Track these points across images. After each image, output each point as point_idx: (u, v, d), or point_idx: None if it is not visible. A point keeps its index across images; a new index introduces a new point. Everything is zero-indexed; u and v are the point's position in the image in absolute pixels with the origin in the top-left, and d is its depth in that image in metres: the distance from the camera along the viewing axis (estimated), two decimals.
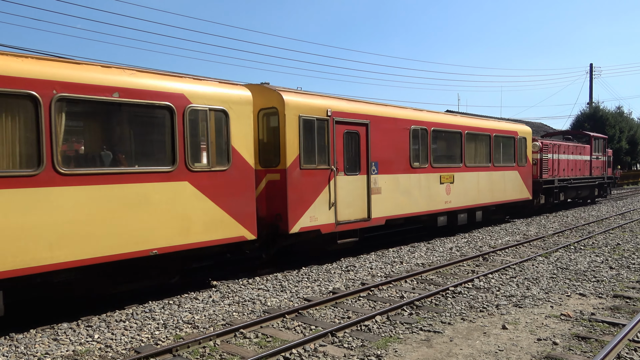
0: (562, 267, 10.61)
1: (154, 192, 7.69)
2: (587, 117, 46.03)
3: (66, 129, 7.03)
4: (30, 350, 6.01)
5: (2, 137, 6.36)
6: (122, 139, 7.83)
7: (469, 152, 15.36)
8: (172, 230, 7.92)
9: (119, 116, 7.60)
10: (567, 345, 6.09)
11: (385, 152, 12.17)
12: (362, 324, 6.88)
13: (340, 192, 11.00)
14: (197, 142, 8.33)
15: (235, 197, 8.83)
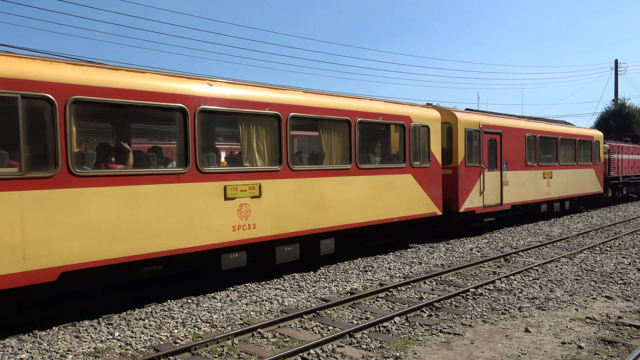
0: (587, 268, 10.35)
1: (395, 180, 11.62)
2: (613, 115, 44.91)
3: (361, 139, 10.90)
4: (53, 347, 6.10)
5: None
6: (380, 147, 12.36)
7: (561, 153, 19.16)
8: (403, 205, 11.83)
9: (379, 132, 12.17)
10: (593, 349, 5.92)
11: (510, 154, 16.03)
12: (380, 325, 6.81)
13: (486, 184, 14.84)
14: (415, 147, 12.16)
15: (432, 185, 12.62)
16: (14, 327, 6.87)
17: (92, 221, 6.85)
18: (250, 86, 9.07)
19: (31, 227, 6.33)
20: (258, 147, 9.01)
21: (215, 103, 8.24)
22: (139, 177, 7.39)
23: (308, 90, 10.16)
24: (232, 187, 8.39)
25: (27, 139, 6.37)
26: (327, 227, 10.07)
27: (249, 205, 8.66)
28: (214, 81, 8.51)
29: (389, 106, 11.75)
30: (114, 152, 7.94)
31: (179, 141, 7.95)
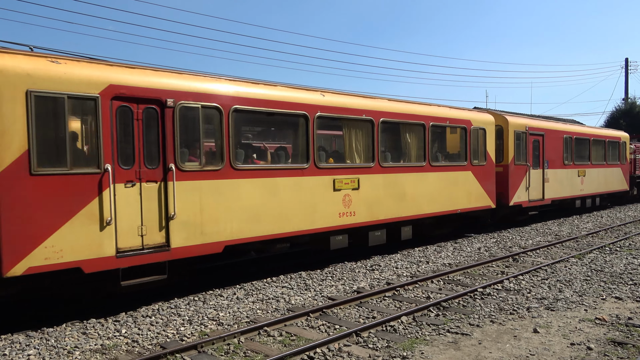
0: (596, 269, 10.24)
1: (458, 176, 13.23)
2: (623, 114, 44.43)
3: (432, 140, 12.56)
4: (61, 344, 6.13)
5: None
6: (446, 147, 13.60)
7: (593, 153, 20.79)
8: (464, 199, 13.36)
9: (446, 134, 13.58)
10: (603, 350, 5.85)
11: (551, 153, 17.55)
12: (387, 324, 6.77)
13: (531, 181, 16.35)
14: (474, 148, 13.72)
15: (487, 181, 14.18)
16: (21, 323, 6.92)
17: (244, 206, 8.62)
18: (351, 95, 10.92)
19: (206, 209, 8.12)
20: (356, 147, 10.76)
21: (326, 110, 10.03)
22: (277, 171, 9.24)
23: (392, 99, 12.12)
24: (339, 180, 10.20)
25: (204, 139, 8.23)
26: (407, 216, 11.85)
27: (350, 196, 10.43)
28: (325, 92, 10.40)
29: (453, 111, 13.41)
30: (257, 150, 10.04)
31: (302, 141, 9.76)
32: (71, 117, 6.90)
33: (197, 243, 7.99)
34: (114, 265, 7.12)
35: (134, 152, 7.39)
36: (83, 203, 6.82)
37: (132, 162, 7.36)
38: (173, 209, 7.65)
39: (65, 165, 6.72)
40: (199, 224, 8.00)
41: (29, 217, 6.37)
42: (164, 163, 7.67)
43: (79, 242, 6.77)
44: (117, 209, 7.13)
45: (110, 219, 7.02)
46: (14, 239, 6.25)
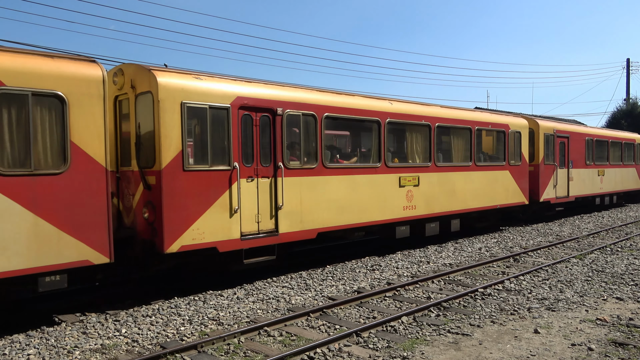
0: (597, 269, 10.22)
1: (498, 175, 14.70)
2: (624, 114, 44.36)
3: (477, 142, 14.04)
4: (60, 343, 6.13)
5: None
6: (487, 148, 14.84)
7: (611, 154, 22.39)
8: (503, 195, 14.89)
9: (487, 137, 14.75)
10: (604, 351, 5.83)
11: (575, 154, 19.15)
12: (387, 324, 6.76)
13: (558, 179, 17.90)
14: (511, 149, 15.24)
15: (522, 179, 15.67)
16: (21, 323, 6.91)
17: (332, 199, 10.15)
18: (413, 103, 12.60)
19: (305, 201, 9.66)
20: (417, 149, 12.30)
21: (394, 117, 11.58)
22: (356, 169, 10.79)
23: (444, 106, 13.61)
24: (403, 178, 11.72)
25: (304, 142, 9.81)
26: (456, 210, 13.32)
27: (412, 192, 11.96)
28: (393, 100, 12.04)
29: (494, 116, 15.27)
30: (340, 151, 11.48)
31: (375, 144, 11.28)
32: (211, 124, 8.33)
33: (298, 230, 9.59)
34: (240, 246, 8.68)
35: (253, 152, 8.95)
36: (218, 194, 8.37)
37: (251, 161, 8.92)
38: (281, 200, 9.22)
39: (207, 163, 8.27)
40: (299, 213, 9.60)
41: (182, 205, 7.88)
42: (274, 162, 9.22)
43: (215, 226, 8.31)
44: (241, 199, 8.67)
45: (237, 208, 8.57)
46: (172, 223, 7.74)
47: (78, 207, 6.71)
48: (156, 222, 7.71)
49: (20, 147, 6.32)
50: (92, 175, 6.86)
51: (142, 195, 7.95)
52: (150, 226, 7.80)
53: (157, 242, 7.71)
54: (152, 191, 7.77)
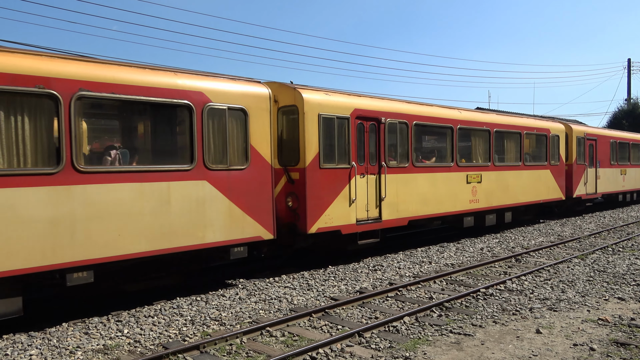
0: (599, 269, 10.21)
1: (540, 174, 16.70)
2: (625, 114, 44.32)
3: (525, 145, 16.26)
4: (63, 344, 6.13)
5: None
6: (532, 150, 16.59)
7: (632, 155, 24.42)
8: (544, 192, 16.84)
9: (531, 140, 16.61)
10: (606, 351, 5.83)
11: (601, 155, 21.00)
12: (390, 324, 6.76)
13: (588, 177, 19.93)
14: (552, 151, 17.25)
15: (559, 178, 17.67)
16: (24, 323, 6.92)
17: (419, 192, 12.10)
18: (476, 112, 15.39)
19: (399, 194, 11.61)
20: (479, 151, 14.35)
21: (463, 123, 13.57)
22: (436, 168, 12.76)
23: (500, 113, 16.84)
24: (469, 175, 13.69)
25: (399, 145, 11.69)
26: (509, 204, 15.29)
27: (476, 187, 13.91)
28: (461, 110, 14.09)
29: (538, 122, 17.21)
30: (423, 152, 13.07)
31: (448, 146, 13.24)
32: (337, 130, 10.30)
33: (395, 217, 11.52)
34: (356, 229, 10.67)
35: (364, 153, 10.90)
36: (342, 187, 10.36)
37: (363, 161, 10.87)
38: (384, 193, 11.20)
39: (334, 162, 10.25)
40: (396, 204, 11.50)
41: (319, 196, 9.88)
42: (378, 161, 11.19)
43: (340, 213, 10.29)
44: (357, 192, 10.64)
45: (354, 199, 10.53)
46: (312, 209, 9.76)
47: (254, 195, 8.69)
48: (299, 209, 9.72)
49: (220, 148, 8.23)
50: (263, 171, 8.85)
51: (284, 187, 9.94)
52: (294, 212, 9.79)
53: (300, 225, 9.74)
54: (295, 184, 9.80)
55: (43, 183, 6.38)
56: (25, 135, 6.30)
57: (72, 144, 6.64)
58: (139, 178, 7.27)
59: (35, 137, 6.40)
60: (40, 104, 6.44)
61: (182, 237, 7.71)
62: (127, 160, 7.60)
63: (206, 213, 7.99)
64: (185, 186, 7.76)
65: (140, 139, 8.26)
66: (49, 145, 6.53)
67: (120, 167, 7.33)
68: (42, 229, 6.35)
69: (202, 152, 7.94)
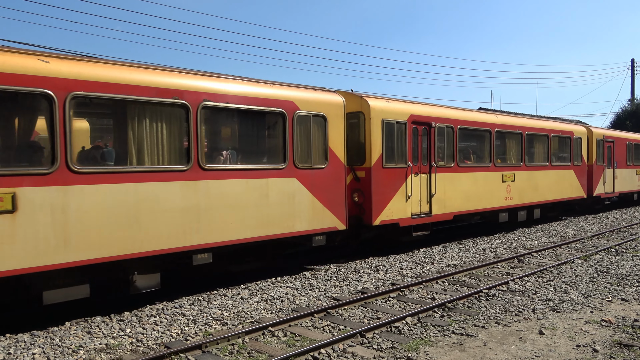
0: (602, 270, 10.17)
1: (565, 174, 17.99)
2: (629, 115, 44.16)
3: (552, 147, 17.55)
4: (65, 343, 6.14)
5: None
6: (557, 151, 17.67)
7: None
8: (568, 190, 18.12)
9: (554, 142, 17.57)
10: (609, 352, 5.81)
11: (618, 156, 22.15)
12: (392, 325, 6.75)
13: (606, 177, 21.13)
14: (575, 152, 18.41)
15: (581, 177, 18.93)
16: (26, 322, 6.94)
17: (462, 190, 13.40)
18: (510, 116, 16.84)
19: (446, 191, 12.88)
20: (512, 152, 15.58)
21: (499, 127, 14.92)
22: (476, 168, 14.06)
23: (530, 117, 17.73)
24: (505, 175, 14.98)
25: (447, 147, 12.90)
26: (538, 201, 16.50)
27: (510, 186, 15.15)
28: (498, 114, 16.01)
29: (563, 125, 18.62)
30: (467, 153, 14.28)
31: (486, 148, 14.53)
32: (396, 134, 11.57)
33: (442, 212, 12.75)
34: (411, 222, 11.95)
35: (418, 154, 12.11)
36: (400, 185, 11.63)
37: (416, 161, 12.08)
38: (434, 190, 12.41)
39: (394, 162, 11.47)
40: (443, 200, 12.74)
41: (382, 192, 11.15)
42: (429, 161, 12.38)
43: (398, 208, 11.55)
44: (412, 189, 11.90)
45: (409, 195, 11.79)
46: (376, 204, 11.04)
47: (331, 191, 9.94)
48: (365, 203, 10.94)
49: (306, 150, 9.50)
50: (338, 170, 10.11)
51: (351, 184, 10.96)
52: (359, 206, 11.00)
53: (365, 218, 10.99)
54: (361, 182, 11.01)
55: (177, 178, 7.63)
56: (163, 138, 7.57)
57: (198, 145, 7.85)
58: (246, 175, 8.57)
59: (170, 140, 7.68)
60: (175, 113, 7.71)
61: (277, 226, 9.00)
62: (235, 159, 8.84)
63: (295, 206, 9.27)
64: (280, 182, 9.06)
65: (245, 141, 9.41)
66: (180, 146, 7.79)
67: (232, 165, 8.60)
68: (177, 217, 7.60)
69: (292, 153, 9.24)
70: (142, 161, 7.35)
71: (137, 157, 7.33)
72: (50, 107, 6.48)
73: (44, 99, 6.47)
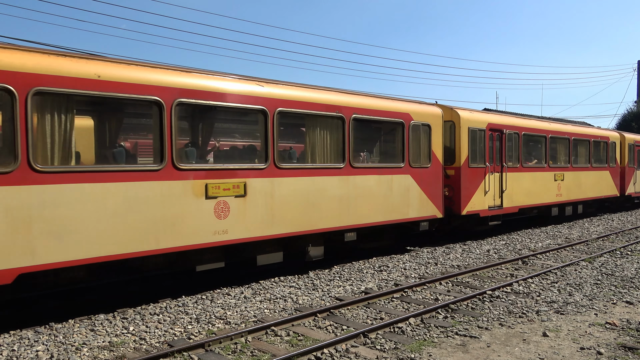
0: (607, 272, 10.12)
1: (602, 174, 20.26)
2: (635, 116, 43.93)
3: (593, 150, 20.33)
4: (69, 340, 6.16)
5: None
6: (595, 154, 19.98)
7: None
8: (605, 189, 20.51)
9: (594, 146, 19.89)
10: (613, 355, 5.77)
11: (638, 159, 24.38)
12: (395, 325, 6.73)
13: (637, 178, 23.48)
14: (610, 155, 20.89)
15: (615, 178, 21.25)
16: (30, 319, 6.96)
17: (524, 187, 15.54)
18: (559, 123, 19.23)
19: (513, 187, 15.07)
20: (561, 155, 17.92)
21: (553, 133, 17.19)
22: (536, 169, 16.30)
23: (576, 124, 20.80)
24: (556, 174, 17.20)
25: (514, 150, 15.19)
26: (580, 198, 18.88)
27: (560, 184, 17.47)
28: (551, 122, 18.11)
29: (600, 131, 20.93)
30: (527, 155, 16.25)
31: (542, 151, 16.74)
32: (478, 139, 13.73)
33: (510, 205, 14.93)
34: (487, 213, 14.14)
35: (493, 156, 14.29)
36: (480, 181, 13.79)
37: (492, 162, 14.26)
38: (505, 186, 14.67)
39: (476, 162, 13.66)
40: (511, 195, 14.93)
41: (468, 187, 13.37)
42: (501, 162, 14.62)
43: (479, 201, 13.71)
44: (489, 185, 14.04)
45: (487, 190, 13.95)
46: (464, 197, 13.24)
47: (432, 185, 12.11)
48: (454, 196, 13.16)
49: (417, 152, 11.69)
50: (438, 168, 12.34)
51: (442, 180, 12.60)
52: (449, 199, 13.09)
53: (455, 209, 13.18)
54: (451, 179, 13.18)
55: (336, 174, 9.98)
56: (327, 143, 9.93)
57: (350, 148, 10.15)
58: (377, 172, 10.89)
59: (332, 145, 9.95)
60: (334, 123, 10.01)
61: (397, 213, 11.27)
62: (368, 159, 11.22)
63: (409, 197, 11.51)
64: (399, 178, 11.35)
65: (376, 145, 11.82)
66: (337, 149, 10.03)
67: (369, 164, 11.07)
68: (335, 203, 9.89)
69: (408, 155, 11.46)
70: (314, 160, 9.71)
71: (311, 157, 9.71)
72: (265, 119, 8.75)
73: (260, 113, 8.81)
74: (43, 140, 6.44)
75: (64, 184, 6.47)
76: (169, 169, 7.49)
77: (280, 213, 8.91)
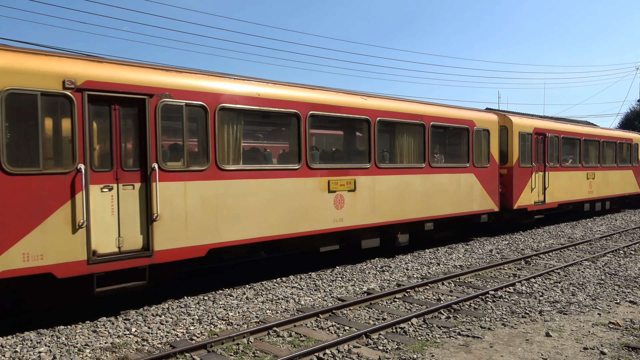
0: (610, 272, 10.08)
1: (625, 174, 22.09)
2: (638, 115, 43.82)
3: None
4: (71, 341, 6.17)
5: None
6: (621, 155, 22.10)
7: None
8: (628, 186, 22.37)
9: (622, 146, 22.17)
10: (616, 355, 5.75)
11: None
12: (397, 326, 6.72)
13: None
14: (634, 155, 22.72)
15: (638, 177, 23.11)
16: (33, 321, 6.97)
17: (562, 185, 17.26)
18: (591, 127, 21.16)
19: (552, 185, 16.64)
20: (592, 155, 19.50)
21: (586, 136, 18.96)
22: (571, 168, 17.90)
23: (604, 128, 22.43)
24: (588, 174, 18.80)
25: (555, 151, 16.82)
26: (607, 195, 20.45)
27: (592, 183, 19.15)
28: (585, 126, 20.12)
29: (625, 133, 22.61)
30: (564, 156, 17.63)
31: (577, 152, 18.30)
32: (527, 142, 15.48)
33: (551, 201, 16.62)
34: (533, 208, 15.77)
35: (537, 157, 15.82)
36: (527, 179, 15.52)
37: (536, 162, 15.84)
38: (547, 184, 16.34)
39: (525, 162, 15.41)
40: (552, 192, 16.59)
41: (518, 185, 15.12)
42: (544, 163, 16.19)
43: (526, 197, 15.45)
44: (535, 183, 15.77)
45: (533, 187, 15.69)
46: (516, 193, 14.97)
47: (490, 182, 13.83)
48: (507, 193, 14.86)
49: (479, 154, 13.45)
50: (495, 168, 14.05)
51: (498, 178, 14.26)
52: (502, 195, 14.61)
53: (507, 203, 14.87)
54: (504, 177, 14.75)
55: (418, 172, 11.74)
56: (412, 146, 11.68)
57: (429, 151, 11.92)
58: (449, 171, 12.63)
59: (415, 148, 11.72)
60: (417, 130, 11.79)
61: (463, 207, 12.98)
62: (442, 160, 12.81)
63: (472, 193, 13.23)
64: (465, 176, 13.03)
65: (446, 147, 13.32)
66: (419, 151, 11.81)
67: (443, 164, 12.71)
68: (418, 198, 11.67)
69: (472, 156, 13.21)
70: (402, 161, 11.49)
71: (400, 158, 11.46)
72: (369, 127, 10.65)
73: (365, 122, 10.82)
74: (222, 144, 8.27)
75: (237, 180, 8.35)
76: (304, 168, 9.42)
77: (379, 205, 10.76)
